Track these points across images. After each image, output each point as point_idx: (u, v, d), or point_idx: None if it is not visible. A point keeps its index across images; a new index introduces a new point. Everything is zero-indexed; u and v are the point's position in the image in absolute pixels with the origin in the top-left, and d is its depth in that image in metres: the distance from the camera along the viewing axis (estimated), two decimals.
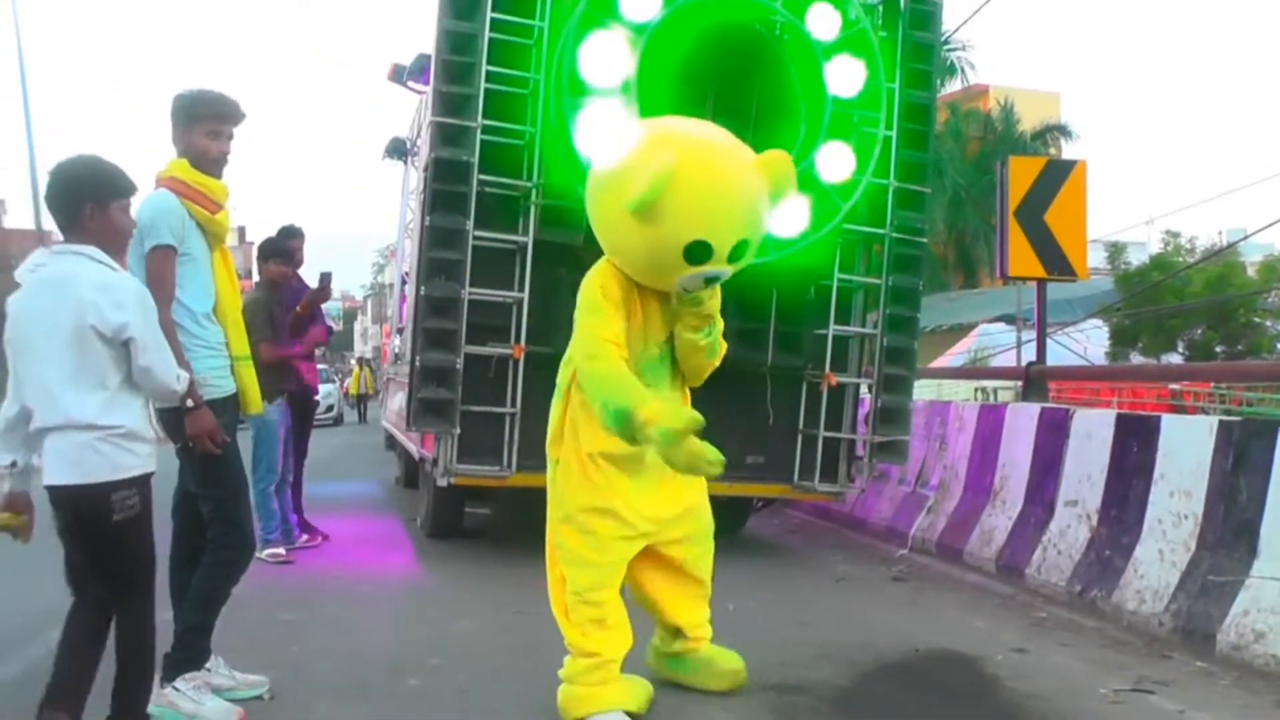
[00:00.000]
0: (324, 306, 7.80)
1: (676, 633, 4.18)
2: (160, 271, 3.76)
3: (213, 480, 3.88)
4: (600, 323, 3.76)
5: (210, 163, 3.94)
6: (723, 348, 4.02)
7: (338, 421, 26.09)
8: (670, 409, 3.57)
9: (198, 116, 3.92)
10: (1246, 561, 4.88)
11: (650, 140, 3.71)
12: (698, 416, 3.46)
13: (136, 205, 3.78)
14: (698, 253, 3.59)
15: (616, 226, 3.75)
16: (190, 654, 3.81)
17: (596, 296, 3.80)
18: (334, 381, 30.78)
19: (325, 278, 7.54)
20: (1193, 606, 5.02)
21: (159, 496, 3.85)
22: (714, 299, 3.84)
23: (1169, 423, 5.76)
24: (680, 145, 3.64)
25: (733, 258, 3.67)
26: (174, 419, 3.72)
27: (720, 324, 3.93)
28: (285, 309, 7.22)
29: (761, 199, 3.71)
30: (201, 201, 3.89)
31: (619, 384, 3.63)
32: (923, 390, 12.46)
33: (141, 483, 3.33)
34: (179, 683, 3.74)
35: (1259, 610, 4.68)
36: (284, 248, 7.37)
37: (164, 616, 3.90)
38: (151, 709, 3.69)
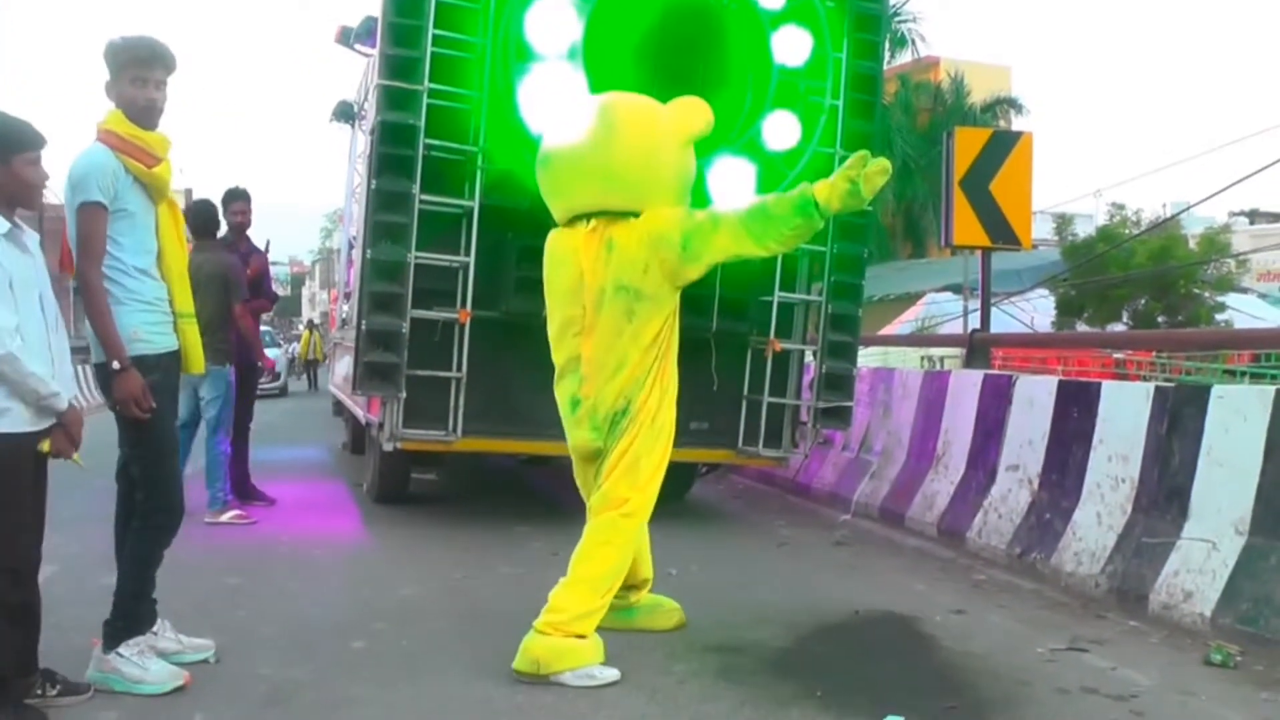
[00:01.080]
0: (271, 271, 7.75)
1: (630, 587, 4.43)
2: (88, 230, 3.64)
3: (143, 441, 3.78)
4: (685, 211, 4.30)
5: (139, 112, 3.75)
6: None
7: (283, 392, 23.81)
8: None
9: (122, 63, 3.74)
10: (1178, 523, 5.01)
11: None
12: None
13: (66, 159, 3.72)
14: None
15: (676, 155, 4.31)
16: (129, 621, 3.76)
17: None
18: (279, 346, 28.73)
19: (259, 262, 7.57)
20: (1127, 568, 5.15)
21: (102, 461, 3.84)
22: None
23: (1108, 389, 5.87)
24: None
25: None
26: (106, 379, 3.67)
27: None
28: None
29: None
30: (137, 155, 3.73)
31: (766, 202, 4.22)
32: (870, 358, 12.59)
33: None
34: (122, 648, 3.70)
35: (1188, 571, 4.81)
36: (239, 192, 7.53)
37: (107, 581, 3.91)
38: (92, 675, 3.68)
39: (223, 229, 7.47)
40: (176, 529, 3.91)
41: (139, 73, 3.75)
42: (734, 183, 6.01)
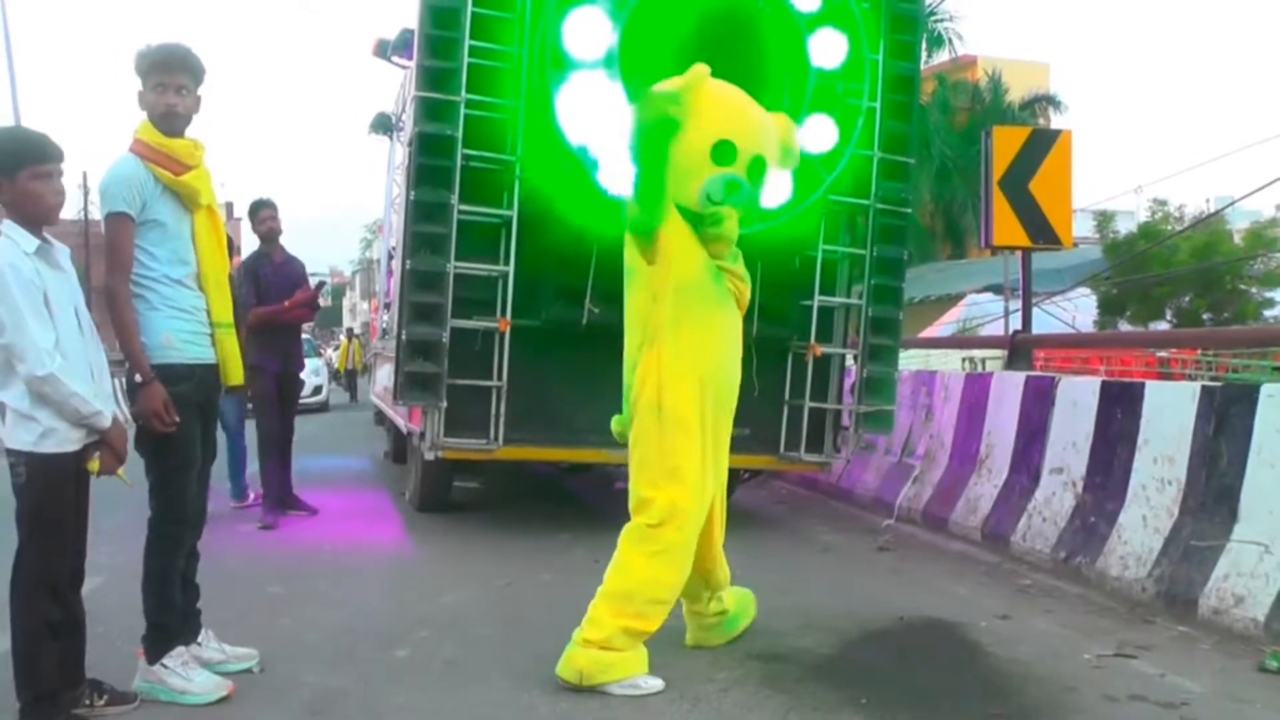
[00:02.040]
0: (311, 283, 7.84)
1: (707, 596, 4.39)
2: (114, 240, 3.63)
3: (161, 452, 3.72)
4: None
5: (162, 118, 3.72)
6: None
7: (324, 407, 21.89)
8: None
9: (145, 69, 3.73)
10: (1227, 526, 4.94)
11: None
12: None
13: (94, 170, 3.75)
14: (723, 152, 3.91)
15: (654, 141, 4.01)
16: (163, 633, 3.77)
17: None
18: (320, 355, 26.49)
19: (320, 286, 7.74)
20: (1175, 572, 5.07)
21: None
22: (732, 223, 3.99)
23: (1152, 389, 5.80)
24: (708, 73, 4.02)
25: (751, 171, 3.96)
26: (132, 391, 3.68)
27: (739, 260, 4.20)
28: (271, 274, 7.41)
29: (775, 134, 4.12)
30: (165, 163, 3.69)
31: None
32: (912, 360, 12.51)
33: (34, 460, 3.29)
34: (167, 660, 3.73)
35: (1239, 574, 4.73)
36: (264, 201, 7.63)
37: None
38: (140, 685, 3.73)
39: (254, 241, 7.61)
40: (189, 542, 3.90)
41: (161, 78, 3.73)
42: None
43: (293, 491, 7.54)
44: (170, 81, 3.73)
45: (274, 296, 7.35)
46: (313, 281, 7.86)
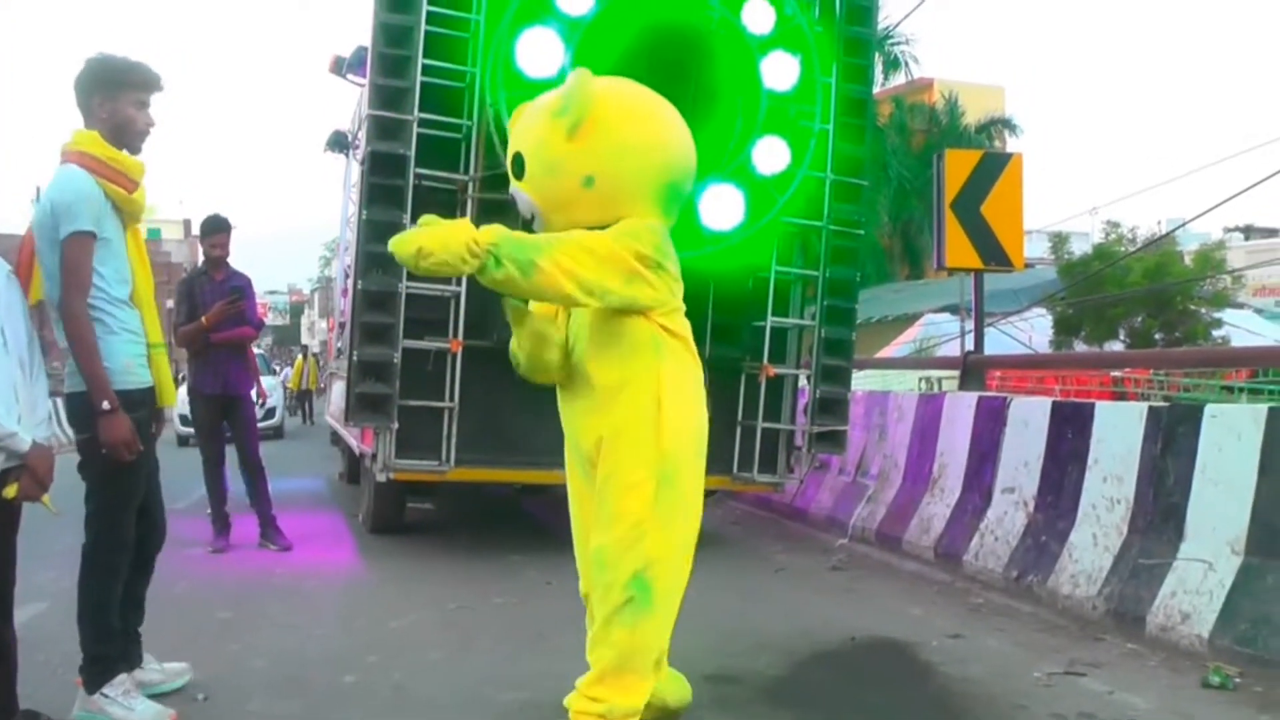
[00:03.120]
0: (269, 301, 7.73)
1: None
2: (77, 260, 3.47)
3: (114, 480, 3.62)
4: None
5: (134, 135, 3.68)
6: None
7: (278, 432, 20.03)
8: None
9: (126, 84, 3.65)
10: (1174, 544, 4.99)
11: None
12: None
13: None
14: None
15: None
16: (102, 663, 3.66)
17: None
18: (275, 373, 23.81)
19: (237, 290, 7.32)
20: (1124, 589, 5.12)
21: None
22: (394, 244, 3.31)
23: (1102, 409, 5.85)
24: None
25: (515, 173, 3.53)
26: (79, 408, 3.55)
27: (503, 262, 3.28)
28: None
29: (536, 114, 3.57)
30: (118, 180, 3.61)
31: None
32: (869, 380, 12.58)
33: None
34: (107, 689, 3.63)
35: (1185, 591, 4.78)
36: (220, 224, 7.40)
37: None
38: (79, 715, 3.64)
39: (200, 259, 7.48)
40: (126, 568, 3.76)
41: (143, 95, 3.70)
42: (724, 208, 6.03)
43: (276, 524, 7.31)
44: (148, 99, 3.72)
45: None
46: (267, 299, 7.75)
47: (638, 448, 3.38)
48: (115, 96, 3.64)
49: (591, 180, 3.43)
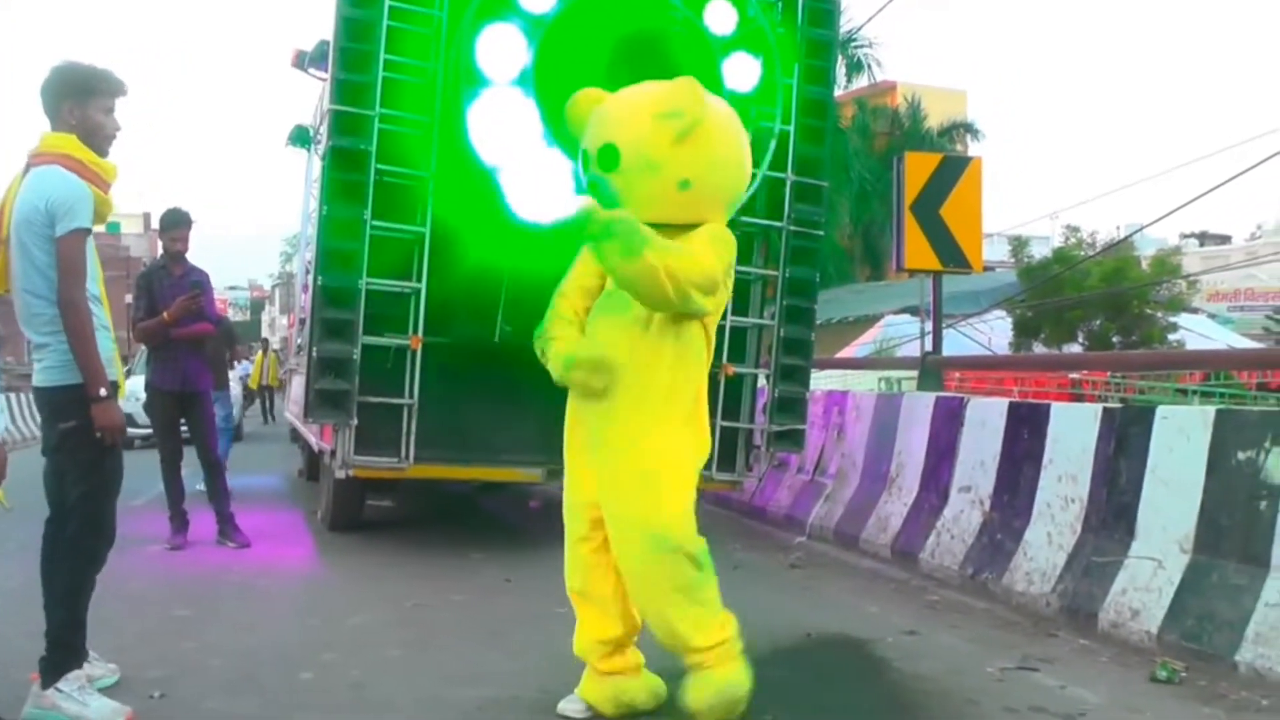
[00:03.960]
0: (229, 297, 7.66)
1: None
2: (78, 255, 3.65)
3: (98, 469, 3.74)
4: (569, 274, 3.94)
5: (104, 140, 3.81)
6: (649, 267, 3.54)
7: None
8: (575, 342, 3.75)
9: (95, 90, 3.79)
10: (1125, 542, 5.07)
11: None
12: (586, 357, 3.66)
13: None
14: (584, 161, 3.77)
15: None
16: (67, 653, 3.69)
17: (582, 252, 3.90)
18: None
19: (196, 285, 7.23)
20: (1077, 586, 5.20)
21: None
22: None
23: (1057, 410, 5.93)
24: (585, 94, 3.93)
25: (603, 163, 3.65)
26: (62, 399, 3.64)
27: (619, 229, 3.49)
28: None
29: (635, 110, 3.70)
30: (97, 181, 3.75)
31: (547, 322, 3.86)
32: (828, 380, 12.65)
33: None
34: (61, 684, 3.62)
35: (1135, 589, 4.86)
36: (181, 218, 7.32)
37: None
38: (30, 712, 3.61)
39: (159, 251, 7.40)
40: (106, 556, 3.85)
41: (109, 102, 3.84)
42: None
43: (234, 521, 7.26)
44: (114, 105, 3.86)
45: None
46: (228, 295, 7.68)
47: (684, 442, 3.74)
48: (84, 103, 3.78)
49: (688, 184, 3.64)
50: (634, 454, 3.65)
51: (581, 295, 3.86)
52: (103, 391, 3.61)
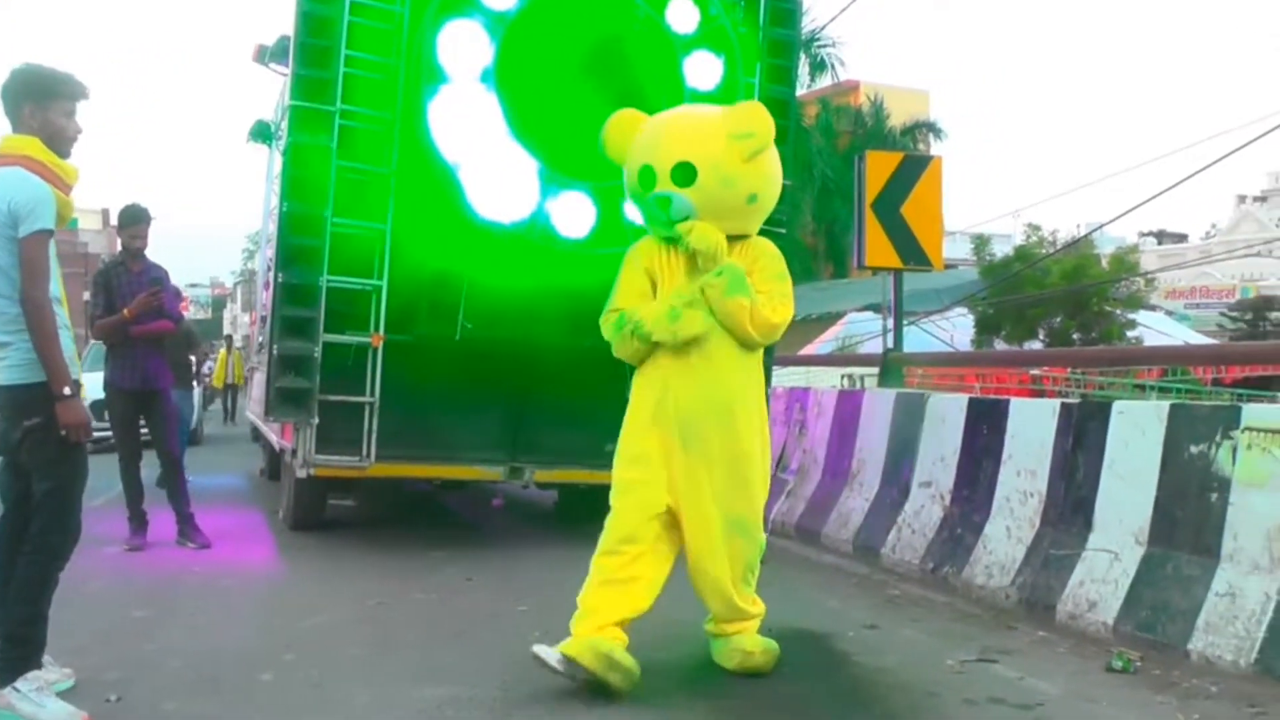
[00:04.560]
0: (191, 295, 7.58)
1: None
2: (42, 256, 3.66)
3: (66, 464, 3.76)
4: (616, 285, 4.26)
5: (65, 142, 3.83)
6: (748, 304, 4.07)
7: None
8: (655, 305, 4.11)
9: (57, 94, 3.80)
10: (1083, 535, 5.14)
11: None
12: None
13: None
14: (645, 177, 4.11)
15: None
16: (27, 649, 3.66)
17: (625, 261, 4.28)
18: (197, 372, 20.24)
19: (156, 283, 7.12)
20: (1036, 579, 5.26)
21: None
22: (697, 234, 4.02)
23: (1016, 406, 6.00)
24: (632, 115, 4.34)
25: (677, 179, 4.02)
26: (26, 397, 3.65)
27: (729, 273, 4.05)
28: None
29: (712, 131, 4.10)
30: (58, 184, 3.77)
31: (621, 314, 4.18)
32: (791, 376, 12.71)
33: None
34: (19, 683, 3.58)
35: (1092, 581, 4.92)
36: (139, 214, 7.21)
37: None
38: None
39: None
40: (71, 553, 3.83)
41: (70, 105, 3.85)
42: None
43: (194, 521, 7.16)
44: (77, 109, 3.88)
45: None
46: (189, 293, 7.60)
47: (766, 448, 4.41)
48: (46, 106, 3.79)
49: (755, 198, 4.18)
50: (744, 457, 4.16)
51: (639, 298, 4.19)
52: (66, 390, 3.63)
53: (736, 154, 4.04)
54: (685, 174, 4.01)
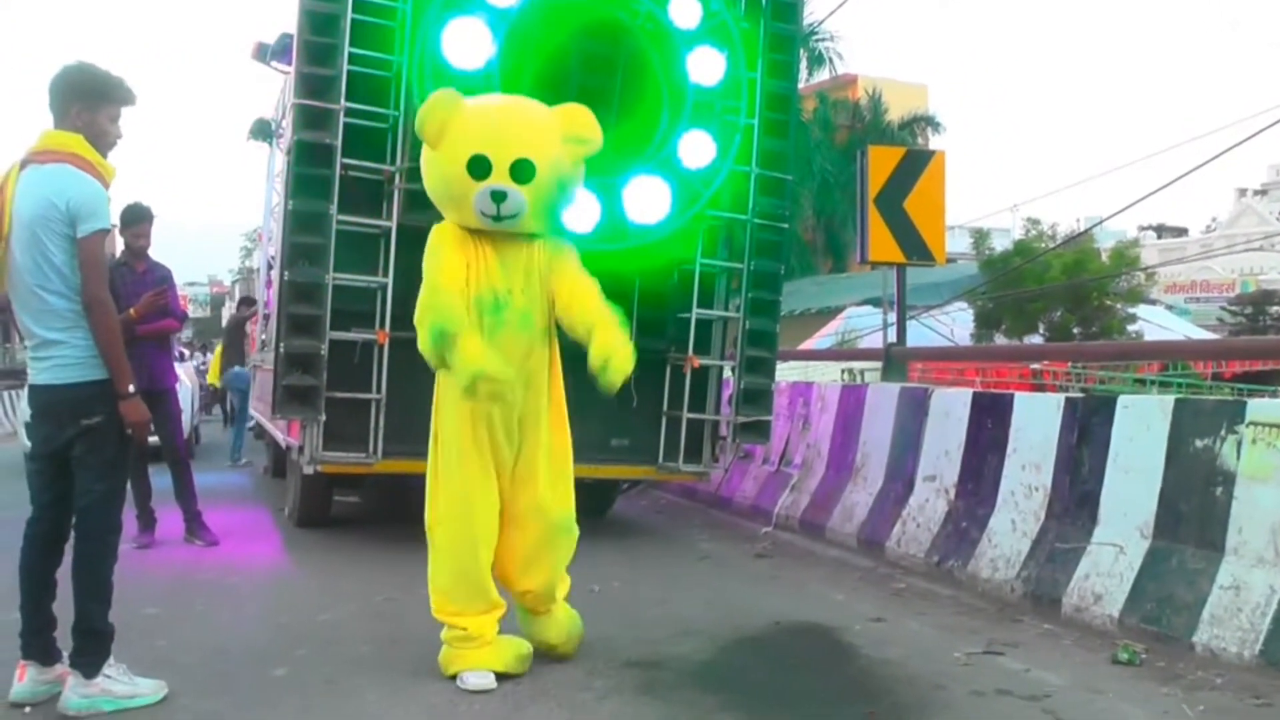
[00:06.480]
0: (189, 293, 7.59)
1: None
2: (102, 254, 3.74)
3: (117, 465, 3.82)
4: (436, 265, 4.08)
5: (105, 146, 3.84)
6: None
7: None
8: (484, 354, 3.90)
9: (108, 98, 3.83)
10: (1088, 529, 5.17)
11: None
12: (493, 374, 3.87)
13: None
14: (476, 167, 3.97)
15: (425, 167, 4.23)
16: (104, 641, 3.75)
17: (433, 244, 4.14)
18: (181, 360, 16.81)
19: (161, 282, 7.14)
20: (1041, 573, 5.29)
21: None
22: (623, 372, 4.09)
23: (1020, 400, 6.02)
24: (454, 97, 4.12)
25: (516, 175, 3.97)
26: (84, 395, 3.68)
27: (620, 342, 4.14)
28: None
29: (549, 131, 4.10)
30: (101, 182, 3.79)
31: (449, 309, 3.95)
32: (792, 371, 12.74)
33: None
34: (107, 669, 3.71)
35: (1097, 574, 4.95)
36: (142, 213, 7.20)
37: (8, 617, 3.82)
38: (77, 704, 3.65)
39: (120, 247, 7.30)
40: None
41: (117, 110, 3.89)
42: (650, 201, 6.09)
43: (201, 519, 7.19)
44: (121, 114, 3.91)
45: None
46: (187, 291, 7.61)
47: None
48: (95, 108, 3.82)
49: (569, 202, 4.43)
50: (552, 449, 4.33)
51: (459, 287, 4.09)
52: (130, 389, 3.70)
53: (569, 157, 4.13)
54: (525, 171, 3.98)
